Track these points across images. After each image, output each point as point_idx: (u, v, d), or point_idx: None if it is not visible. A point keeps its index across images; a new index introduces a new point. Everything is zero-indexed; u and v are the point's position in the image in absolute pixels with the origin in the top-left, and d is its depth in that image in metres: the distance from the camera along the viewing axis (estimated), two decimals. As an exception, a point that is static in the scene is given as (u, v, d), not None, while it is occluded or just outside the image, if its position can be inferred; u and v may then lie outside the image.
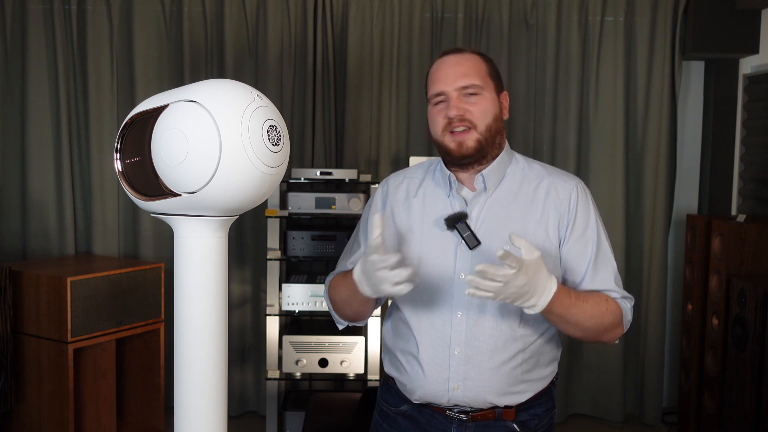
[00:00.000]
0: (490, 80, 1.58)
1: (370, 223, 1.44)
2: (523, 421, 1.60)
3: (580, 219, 1.58)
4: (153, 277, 3.19)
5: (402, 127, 3.71)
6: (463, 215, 1.53)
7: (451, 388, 1.55)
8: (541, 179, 1.61)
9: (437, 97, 1.58)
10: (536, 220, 1.56)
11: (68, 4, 3.56)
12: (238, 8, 3.62)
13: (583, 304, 1.50)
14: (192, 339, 1.35)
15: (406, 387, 1.62)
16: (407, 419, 1.65)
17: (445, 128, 1.56)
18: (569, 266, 1.58)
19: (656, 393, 3.78)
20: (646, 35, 3.67)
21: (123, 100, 3.64)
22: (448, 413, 1.59)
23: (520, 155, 1.67)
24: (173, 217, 1.34)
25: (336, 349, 3.32)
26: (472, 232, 1.51)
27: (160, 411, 3.32)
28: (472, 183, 1.60)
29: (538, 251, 1.38)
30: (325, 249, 3.34)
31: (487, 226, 1.56)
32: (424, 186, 1.66)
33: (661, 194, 3.71)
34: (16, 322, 2.97)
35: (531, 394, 1.59)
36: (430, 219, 1.60)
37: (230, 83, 1.30)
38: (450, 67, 1.58)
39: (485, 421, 1.58)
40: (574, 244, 1.57)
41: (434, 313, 1.57)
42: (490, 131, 1.56)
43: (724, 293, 3.08)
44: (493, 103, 1.57)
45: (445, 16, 3.67)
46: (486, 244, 1.52)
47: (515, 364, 1.55)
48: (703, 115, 3.81)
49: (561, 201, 1.58)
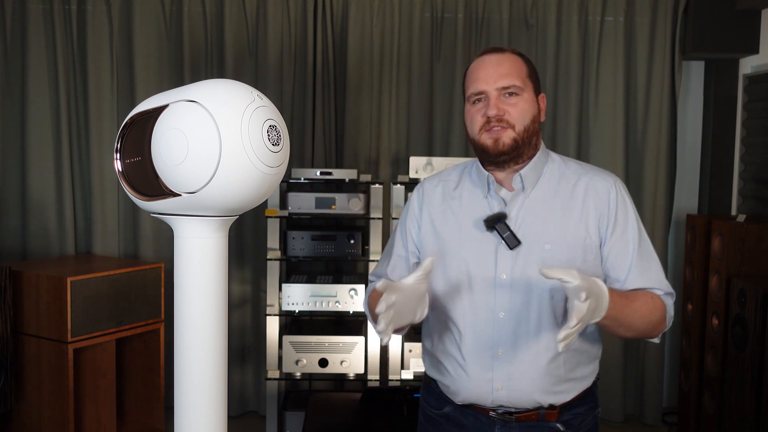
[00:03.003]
0: (529, 81, 1.58)
1: (422, 264, 1.43)
2: (567, 420, 1.59)
3: (621, 217, 1.57)
4: (153, 277, 3.19)
5: (402, 127, 3.71)
6: (502, 215, 1.53)
7: (495, 388, 1.54)
8: (579, 177, 1.60)
9: (476, 96, 1.57)
10: (576, 219, 1.56)
11: (68, 4, 3.56)
12: (238, 8, 3.62)
13: (633, 303, 1.49)
14: (192, 339, 1.35)
15: (450, 389, 1.61)
16: (450, 422, 1.64)
17: (482, 127, 1.55)
18: (612, 265, 1.57)
19: (656, 393, 3.78)
20: (646, 35, 3.67)
21: (123, 100, 3.64)
22: (491, 414, 1.58)
23: (556, 154, 1.67)
24: (173, 217, 1.34)
25: (336, 349, 3.32)
26: (512, 232, 1.51)
27: (160, 411, 3.32)
28: (509, 183, 1.60)
29: (573, 268, 1.35)
30: (325, 249, 3.34)
31: (527, 225, 1.55)
32: (460, 187, 1.65)
33: (661, 194, 3.71)
34: (16, 322, 2.97)
35: (575, 394, 1.59)
36: (469, 220, 1.59)
37: (230, 83, 1.30)
38: (491, 66, 1.56)
39: (529, 422, 1.57)
40: (616, 243, 1.56)
41: (476, 315, 1.56)
42: (527, 132, 1.55)
43: (724, 293, 3.08)
44: (531, 105, 1.57)
45: (445, 16, 3.67)
46: (526, 244, 1.52)
47: (559, 362, 1.55)
48: (703, 115, 3.81)
49: (600, 199, 1.57)
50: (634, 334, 1.55)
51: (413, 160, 3.36)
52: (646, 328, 1.54)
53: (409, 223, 1.70)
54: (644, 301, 1.53)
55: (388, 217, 3.53)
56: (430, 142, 3.73)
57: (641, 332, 1.55)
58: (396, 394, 2.80)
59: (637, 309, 1.50)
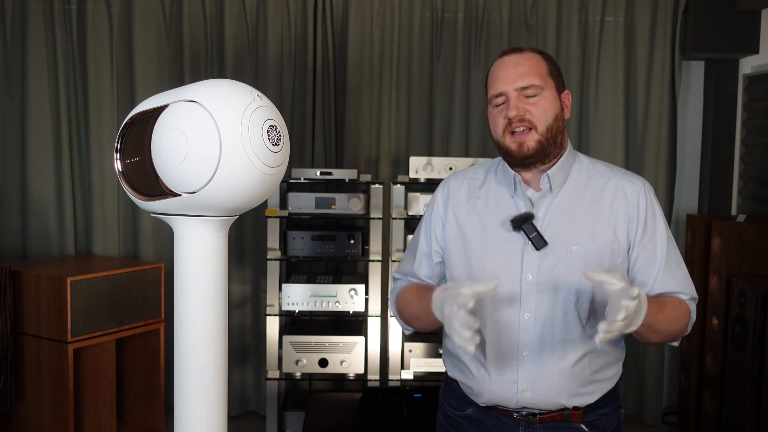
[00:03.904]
0: (550, 79, 1.57)
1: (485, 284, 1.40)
2: (591, 421, 1.58)
3: (650, 220, 1.56)
4: (153, 277, 3.19)
5: (402, 127, 3.71)
6: (529, 216, 1.52)
7: (519, 390, 1.53)
8: (608, 180, 1.59)
9: (497, 98, 1.56)
10: (604, 221, 1.54)
11: (68, 4, 3.56)
12: (238, 8, 3.62)
13: (665, 310, 1.48)
14: (192, 339, 1.35)
15: (473, 390, 1.60)
16: (473, 423, 1.63)
17: (505, 129, 1.54)
18: (640, 269, 1.55)
19: (656, 393, 3.78)
20: (646, 35, 3.67)
21: (123, 100, 3.64)
22: (515, 415, 1.57)
23: (584, 155, 1.66)
24: (173, 217, 1.34)
25: (336, 349, 3.32)
26: (538, 233, 1.50)
27: (160, 411, 3.32)
28: (536, 183, 1.58)
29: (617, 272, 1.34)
30: (325, 249, 3.34)
31: (554, 226, 1.54)
32: (486, 186, 1.64)
33: (661, 194, 3.71)
34: (16, 322, 2.97)
35: (599, 395, 1.58)
36: (495, 220, 1.58)
37: (230, 83, 1.30)
38: (510, 67, 1.55)
39: (553, 423, 1.56)
40: (645, 247, 1.55)
41: (501, 315, 1.54)
42: (551, 131, 1.54)
43: (724, 293, 3.08)
44: (553, 103, 1.56)
45: (445, 16, 3.67)
46: (553, 245, 1.51)
47: (584, 364, 1.54)
48: (703, 115, 3.81)
49: (629, 202, 1.55)
50: (662, 340, 1.54)
51: (413, 160, 3.36)
52: (674, 333, 1.54)
53: (434, 221, 1.69)
54: (674, 307, 1.52)
55: (388, 217, 3.53)
56: (430, 142, 3.73)
57: (669, 338, 1.55)
58: (396, 394, 2.80)
59: (668, 315, 1.49)
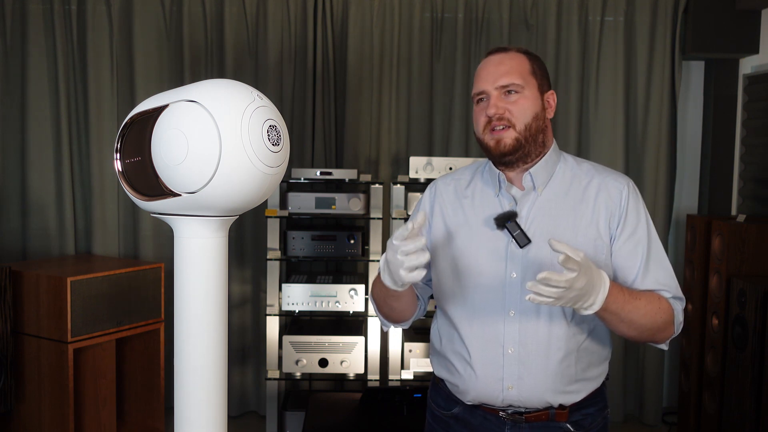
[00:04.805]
0: (532, 79, 1.57)
1: (414, 216, 1.41)
2: (577, 421, 1.59)
3: (631, 217, 1.57)
4: (153, 277, 3.19)
5: (402, 127, 3.71)
6: (512, 214, 1.53)
7: (505, 387, 1.54)
8: (591, 178, 1.60)
9: (479, 96, 1.58)
10: (587, 219, 1.55)
11: (68, 4, 3.56)
12: (238, 8, 3.62)
13: (636, 301, 1.49)
14: (192, 339, 1.35)
15: (459, 388, 1.61)
16: (460, 422, 1.64)
17: (485, 126, 1.56)
18: (621, 265, 1.56)
19: (656, 393, 3.78)
20: (646, 35, 3.67)
21: (123, 100, 3.64)
22: (501, 414, 1.58)
23: (569, 154, 1.67)
24: (173, 217, 1.34)
25: (336, 349, 3.32)
26: (522, 231, 1.50)
27: (160, 411, 3.32)
28: (520, 181, 1.60)
29: (582, 251, 1.35)
30: (325, 249, 3.34)
31: (537, 224, 1.55)
32: (472, 186, 1.66)
33: (661, 194, 3.71)
34: (16, 322, 2.97)
35: (585, 394, 1.59)
36: (480, 218, 1.60)
37: (230, 83, 1.30)
38: (492, 66, 1.58)
39: (539, 422, 1.57)
40: (626, 243, 1.56)
41: (486, 313, 1.55)
42: (530, 130, 1.55)
43: (724, 293, 3.08)
44: (534, 102, 1.56)
45: (445, 16, 3.67)
46: (536, 243, 1.51)
47: (570, 362, 1.54)
48: (703, 115, 3.81)
49: (612, 199, 1.57)
50: (639, 334, 1.53)
51: (413, 160, 3.36)
52: (651, 328, 1.53)
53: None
54: (649, 300, 1.52)
55: (388, 217, 3.53)
56: (430, 142, 3.73)
57: (647, 333, 1.54)
58: (396, 394, 2.80)
59: (641, 307, 1.49)
